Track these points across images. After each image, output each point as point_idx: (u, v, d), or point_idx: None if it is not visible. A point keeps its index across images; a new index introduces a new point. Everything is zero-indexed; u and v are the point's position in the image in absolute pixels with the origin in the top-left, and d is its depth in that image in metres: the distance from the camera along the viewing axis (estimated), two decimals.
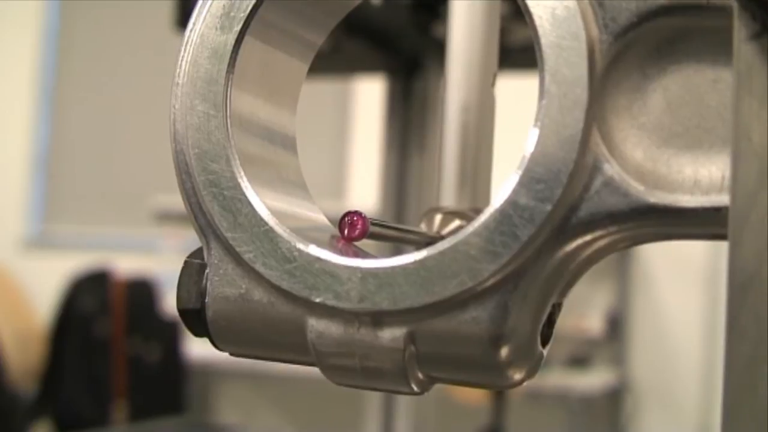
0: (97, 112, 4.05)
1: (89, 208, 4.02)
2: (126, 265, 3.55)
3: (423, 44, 1.52)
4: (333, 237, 0.39)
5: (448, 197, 0.59)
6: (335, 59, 1.57)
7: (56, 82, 4.14)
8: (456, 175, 0.59)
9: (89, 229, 3.97)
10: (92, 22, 4.09)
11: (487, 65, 0.59)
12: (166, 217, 3.45)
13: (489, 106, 0.60)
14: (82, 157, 4.06)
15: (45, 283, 3.73)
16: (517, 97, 1.12)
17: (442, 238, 0.52)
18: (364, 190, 2.95)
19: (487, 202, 0.59)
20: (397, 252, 0.37)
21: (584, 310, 3.32)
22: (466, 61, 0.59)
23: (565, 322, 3.08)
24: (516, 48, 1.45)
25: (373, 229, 0.40)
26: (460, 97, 0.59)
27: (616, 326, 3.31)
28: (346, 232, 0.39)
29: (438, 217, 0.53)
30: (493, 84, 0.59)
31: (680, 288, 3.28)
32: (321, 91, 3.15)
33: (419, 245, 0.50)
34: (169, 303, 3.22)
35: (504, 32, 1.42)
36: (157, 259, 3.40)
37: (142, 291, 3.51)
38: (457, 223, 0.53)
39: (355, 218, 0.39)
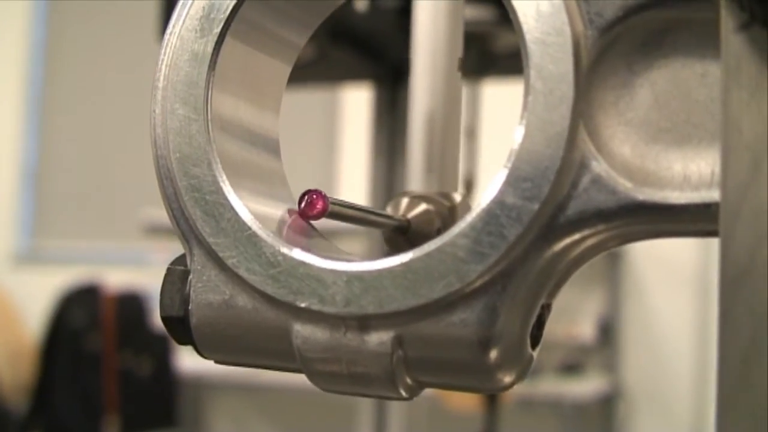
0: (85, 126, 4.04)
1: (78, 222, 4.01)
2: (116, 278, 3.54)
3: (409, 51, 1.52)
4: (289, 212, 0.39)
5: (416, 182, 0.59)
6: (321, 68, 1.56)
7: (44, 96, 4.12)
8: (423, 160, 0.59)
9: (79, 243, 3.95)
10: (79, 35, 4.08)
11: (452, 50, 0.59)
12: (155, 231, 3.43)
13: (455, 90, 0.60)
14: (70, 171, 4.05)
15: (35, 298, 3.71)
16: (512, 102, 1.11)
17: (408, 221, 0.51)
18: (353, 199, 2.95)
19: (454, 186, 0.59)
20: (387, 252, 0.36)
21: (575, 317, 3.31)
22: (432, 46, 0.59)
23: (556, 329, 3.08)
24: (502, 54, 1.45)
25: (332, 208, 0.39)
26: (427, 82, 0.59)
27: (608, 332, 3.31)
28: (304, 210, 0.38)
29: (404, 201, 0.53)
30: (459, 68, 0.59)
31: (671, 293, 3.28)
32: (309, 99, 3.14)
33: (383, 227, 0.50)
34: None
35: (489, 38, 1.42)
36: (147, 272, 3.38)
37: (132, 305, 3.49)
38: (423, 206, 0.53)
39: (314, 196, 0.39)
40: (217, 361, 0.39)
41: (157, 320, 3.35)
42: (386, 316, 0.34)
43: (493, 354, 0.34)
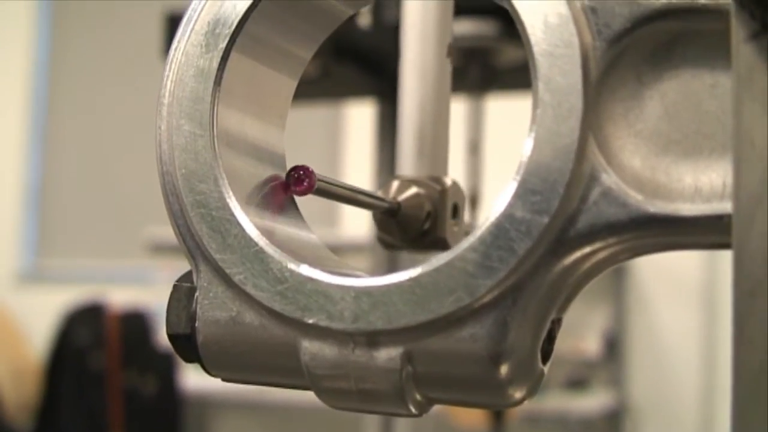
0: (88, 145, 4.04)
1: (82, 240, 4.01)
2: (120, 297, 3.53)
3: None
4: (274, 184, 0.39)
5: (407, 167, 0.59)
6: (325, 84, 1.56)
7: (47, 115, 4.13)
8: (414, 144, 0.59)
9: (83, 262, 3.95)
10: (83, 53, 4.08)
11: (442, 35, 0.59)
12: (159, 249, 3.43)
13: (445, 75, 0.60)
14: (74, 190, 4.05)
15: (39, 317, 3.70)
16: (516, 117, 1.11)
17: (398, 204, 0.51)
18: (358, 217, 2.94)
19: (444, 171, 0.59)
20: (393, 269, 0.36)
21: (581, 332, 3.30)
22: (422, 32, 0.59)
23: (562, 344, 3.06)
24: (505, 69, 1.45)
25: (320, 185, 0.39)
26: (417, 67, 0.59)
27: (614, 347, 3.30)
28: (291, 185, 0.38)
29: (395, 184, 0.53)
30: (448, 54, 0.59)
31: (676, 307, 3.27)
32: (312, 116, 3.14)
33: (372, 208, 0.50)
34: (164, 334, 3.20)
35: (492, 53, 1.42)
36: (152, 290, 3.38)
37: (136, 323, 3.49)
38: (414, 190, 0.53)
39: (302, 172, 0.39)
40: (224, 379, 0.39)
41: (161, 338, 3.35)
42: (395, 332, 0.34)
43: (504, 369, 0.34)
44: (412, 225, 0.52)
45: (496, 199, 0.34)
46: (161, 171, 0.38)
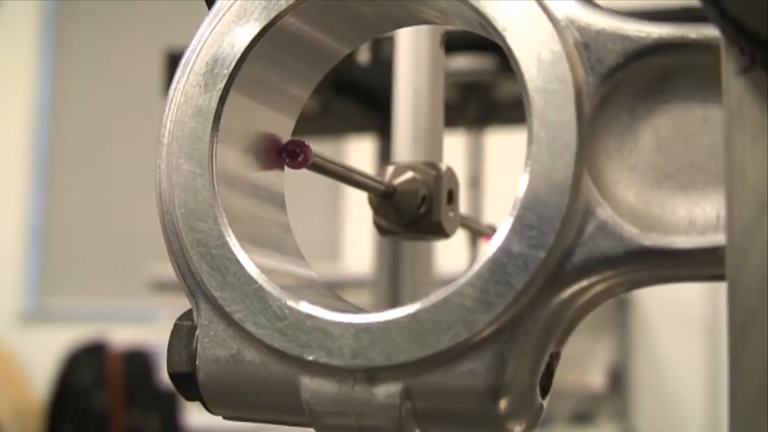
0: (90, 184, 4.05)
1: (85, 279, 4.00)
2: (123, 336, 3.52)
3: None
4: (270, 147, 0.39)
5: (402, 153, 0.59)
6: (325, 120, 1.57)
7: (49, 155, 4.15)
8: (409, 131, 0.60)
9: (85, 300, 3.94)
10: (84, 94, 4.10)
11: (435, 25, 0.60)
12: (162, 286, 3.42)
13: (438, 63, 0.60)
14: (76, 229, 4.05)
15: (41, 357, 3.69)
16: (515, 151, 1.12)
17: (394, 187, 0.52)
18: (360, 252, 2.95)
19: (439, 157, 0.59)
20: (395, 303, 0.36)
21: (585, 365, 3.29)
22: None
23: (566, 377, 3.06)
24: (504, 104, 1.46)
25: (316, 160, 0.40)
26: (411, 55, 0.60)
27: (619, 380, 3.28)
28: (286, 158, 0.39)
29: (390, 169, 0.53)
30: (441, 43, 0.60)
31: (681, 339, 3.26)
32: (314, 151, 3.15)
33: (367, 190, 0.50)
34: (166, 373, 3.19)
35: (491, 87, 1.42)
36: (154, 328, 3.37)
37: (139, 362, 3.48)
38: (409, 174, 0.53)
39: (298, 148, 0.39)
40: (225, 417, 0.39)
41: (164, 377, 3.34)
42: (394, 368, 0.34)
43: (503, 404, 0.34)
44: (407, 209, 0.53)
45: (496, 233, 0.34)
46: (161, 210, 0.38)
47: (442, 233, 0.55)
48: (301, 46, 0.40)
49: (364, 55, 1.46)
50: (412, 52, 0.60)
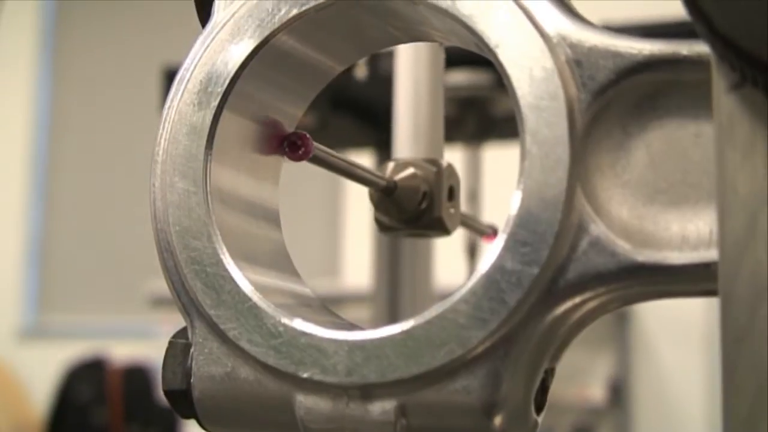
0: (89, 201, 4.05)
1: (83, 296, 4.00)
2: (122, 352, 3.52)
3: None
4: (271, 136, 0.39)
5: (403, 149, 0.60)
6: (322, 136, 1.57)
7: (48, 171, 4.15)
8: (409, 127, 0.60)
9: (84, 317, 3.94)
10: (82, 111, 4.11)
11: None
12: (161, 303, 3.42)
13: (438, 59, 0.60)
14: (74, 245, 4.05)
15: (41, 373, 3.69)
16: (513, 165, 1.12)
17: (395, 183, 0.52)
18: (359, 268, 2.95)
19: (440, 154, 0.59)
20: (394, 318, 0.36)
21: (585, 379, 3.28)
22: None
23: (567, 391, 3.05)
24: (502, 118, 1.46)
25: (317, 152, 0.40)
26: (411, 52, 0.60)
27: (619, 394, 3.28)
28: (286, 150, 0.39)
29: (391, 165, 0.53)
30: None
31: (681, 352, 3.26)
32: (312, 168, 3.15)
33: (368, 184, 0.50)
34: None
35: (489, 102, 1.43)
36: (154, 344, 3.37)
37: (138, 378, 3.47)
38: (410, 170, 0.53)
39: (299, 140, 0.39)
40: None
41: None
42: (389, 385, 0.34)
43: (498, 420, 0.34)
44: (408, 204, 0.53)
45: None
46: (155, 228, 0.38)
47: (443, 229, 0.55)
48: (294, 64, 0.40)
49: (361, 71, 1.47)
50: (413, 48, 0.61)
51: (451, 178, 0.55)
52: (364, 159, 1.96)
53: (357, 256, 3.28)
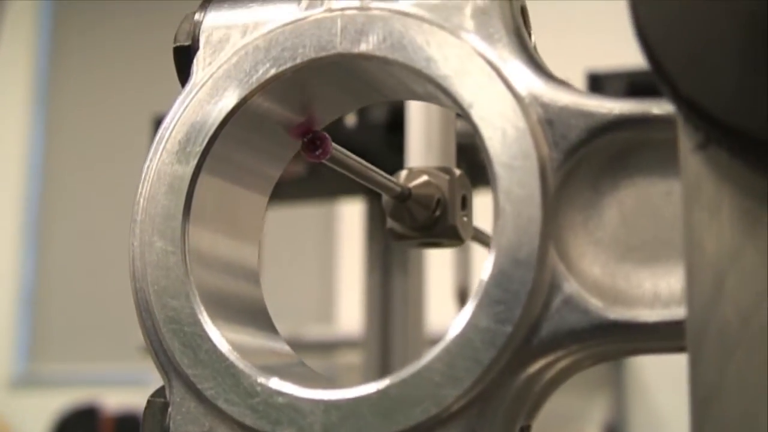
0: (81, 249, 4.05)
1: (75, 344, 3.98)
2: (114, 400, 3.50)
3: (400, 164, 1.53)
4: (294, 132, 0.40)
5: (416, 158, 0.60)
6: (314, 184, 1.58)
7: (40, 220, 4.15)
8: (422, 136, 0.60)
9: (76, 366, 3.92)
10: (77, 160, 4.12)
11: None
12: None
13: None
14: (67, 294, 4.04)
15: (33, 423, 3.66)
16: None
17: (409, 189, 0.52)
18: (353, 314, 2.94)
19: (452, 162, 0.59)
20: (387, 365, 0.36)
21: (581, 425, 3.27)
22: None
23: None
24: None
25: (335, 153, 0.41)
26: None
27: None
28: (304, 150, 0.40)
29: (404, 173, 0.53)
30: None
31: (677, 396, 3.24)
32: (305, 214, 3.16)
33: (383, 189, 0.50)
34: None
35: (477, 150, 1.43)
36: (146, 392, 3.34)
37: (131, 425, 3.45)
38: (424, 177, 0.53)
39: (318, 140, 0.40)
40: None
41: None
42: None
43: None
44: (422, 212, 0.53)
45: None
46: (134, 288, 0.39)
47: (457, 237, 0.55)
48: (272, 125, 0.40)
49: (350, 118, 1.48)
50: None
51: (464, 187, 0.56)
52: (355, 207, 1.97)
53: (351, 301, 3.27)
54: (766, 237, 0.28)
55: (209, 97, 0.39)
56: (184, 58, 0.40)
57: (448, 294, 1.71)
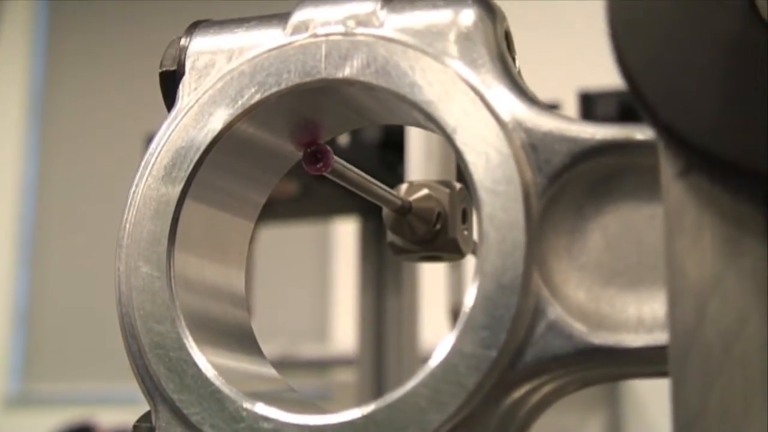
0: (75, 268, 4.04)
1: (70, 363, 3.97)
2: (109, 419, 3.49)
3: (393, 183, 1.53)
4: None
5: (416, 172, 0.59)
6: (308, 203, 1.58)
7: (34, 240, 4.14)
8: (422, 150, 0.60)
9: (71, 385, 3.91)
10: (71, 180, 4.12)
11: None
12: None
13: None
14: (61, 312, 4.03)
15: None
16: None
17: (409, 203, 0.52)
18: (347, 331, 2.94)
19: (453, 176, 0.59)
20: (381, 384, 0.36)
21: None
22: None
23: None
24: None
25: (336, 167, 0.41)
26: None
27: None
28: (305, 162, 0.40)
29: (404, 186, 0.53)
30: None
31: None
32: (300, 233, 3.16)
33: (383, 202, 0.50)
34: None
35: None
36: (141, 411, 3.35)
37: None
38: (425, 191, 0.53)
39: (319, 154, 0.40)
40: None
41: None
42: None
43: None
44: (422, 225, 0.53)
45: None
46: (120, 312, 0.39)
47: (458, 251, 0.55)
48: (256, 151, 0.40)
49: (343, 138, 1.48)
50: None
51: (465, 201, 0.56)
52: (349, 227, 1.97)
53: (345, 320, 3.27)
54: (747, 263, 0.29)
55: (195, 122, 0.39)
56: (170, 83, 0.40)
57: (441, 313, 1.71)
